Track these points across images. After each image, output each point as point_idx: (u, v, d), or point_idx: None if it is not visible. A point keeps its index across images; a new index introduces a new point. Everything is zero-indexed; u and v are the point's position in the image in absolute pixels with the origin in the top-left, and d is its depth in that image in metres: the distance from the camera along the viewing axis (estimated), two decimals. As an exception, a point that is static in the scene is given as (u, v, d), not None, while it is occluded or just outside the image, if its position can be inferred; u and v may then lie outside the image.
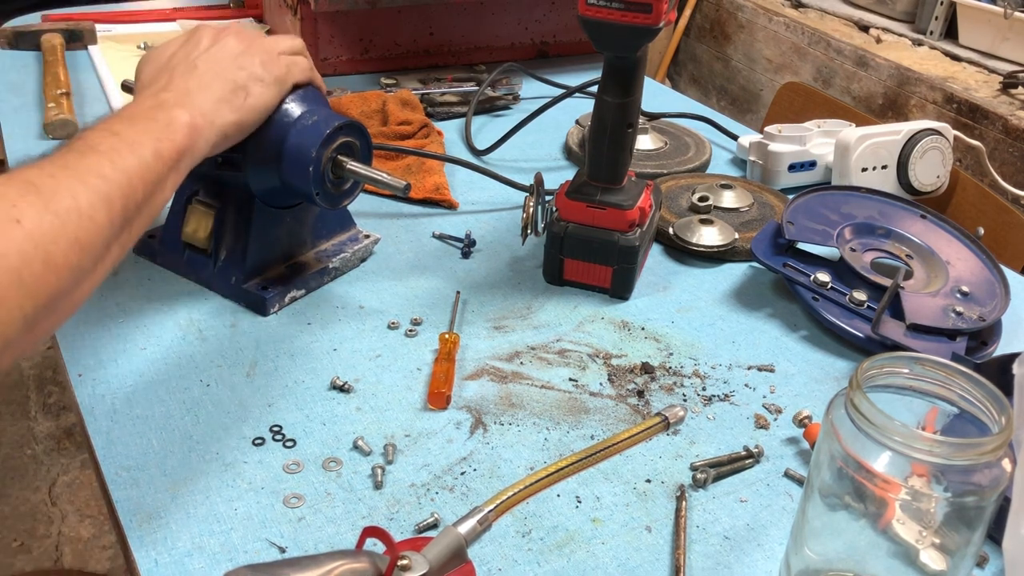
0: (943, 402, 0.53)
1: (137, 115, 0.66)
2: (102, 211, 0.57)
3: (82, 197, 0.56)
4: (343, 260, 0.88)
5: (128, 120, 0.65)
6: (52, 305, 0.54)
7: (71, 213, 0.55)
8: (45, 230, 0.53)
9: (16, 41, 1.35)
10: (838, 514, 0.54)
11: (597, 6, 0.77)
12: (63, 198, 0.55)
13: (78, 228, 0.55)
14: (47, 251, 0.53)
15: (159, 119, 0.66)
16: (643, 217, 0.88)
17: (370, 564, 0.51)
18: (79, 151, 0.59)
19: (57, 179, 0.56)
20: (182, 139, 0.66)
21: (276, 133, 0.76)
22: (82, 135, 0.61)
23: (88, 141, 0.60)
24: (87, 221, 0.56)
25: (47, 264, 0.53)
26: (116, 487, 0.63)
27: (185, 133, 0.66)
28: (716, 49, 2.88)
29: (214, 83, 0.71)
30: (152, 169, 0.62)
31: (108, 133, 0.62)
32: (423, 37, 1.38)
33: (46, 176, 0.56)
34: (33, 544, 1.81)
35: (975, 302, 0.85)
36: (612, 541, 0.62)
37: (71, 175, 0.57)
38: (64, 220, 0.54)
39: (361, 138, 0.80)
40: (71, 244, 0.54)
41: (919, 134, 1.08)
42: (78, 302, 0.57)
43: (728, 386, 0.78)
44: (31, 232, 0.52)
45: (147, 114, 0.66)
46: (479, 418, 0.72)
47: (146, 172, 0.62)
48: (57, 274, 0.53)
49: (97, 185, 0.57)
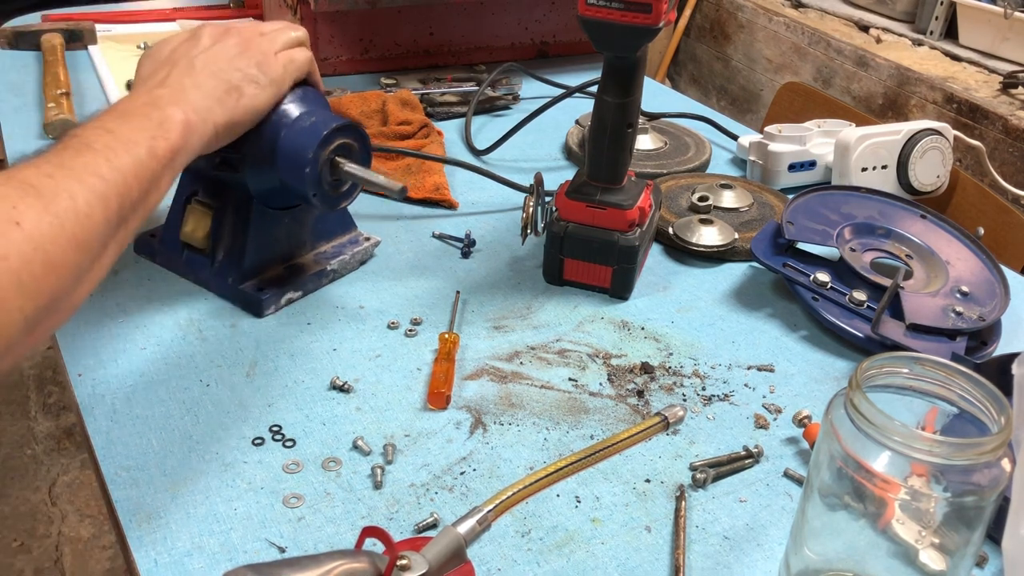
0: (943, 402, 0.53)
1: (131, 112, 0.66)
2: (99, 210, 0.57)
3: (80, 197, 0.56)
4: (342, 263, 0.88)
5: (122, 117, 0.65)
6: (52, 306, 0.54)
7: (69, 213, 0.55)
8: (44, 231, 0.53)
9: (16, 41, 1.35)
10: (838, 514, 0.54)
11: (597, 6, 0.77)
12: (61, 199, 0.55)
13: (76, 228, 0.55)
14: (47, 252, 0.53)
15: (153, 117, 0.65)
16: (643, 217, 0.88)
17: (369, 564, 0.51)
18: (75, 149, 0.59)
19: (55, 179, 0.56)
20: (176, 137, 0.65)
21: (273, 134, 0.76)
22: (77, 132, 0.61)
23: (83, 139, 0.60)
24: (85, 220, 0.56)
25: (47, 265, 0.53)
26: (116, 487, 0.63)
27: (179, 131, 0.66)
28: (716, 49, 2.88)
29: (208, 82, 0.71)
30: (147, 167, 0.62)
31: (103, 131, 0.62)
32: (423, 37, 1.38)
33: (44, 176, 0.56)
34: (33, 544, 1.81)
35: (975, 302, 0.85)
36: (612, 541, 0.62)
37: (68, 175, 0.57)
38: (63, 220, 0.54)
39: (360, 140, 0.80)
40: (70, 244, 0.55)
41: (919, 134, 1.08)
42: (77, 302, 0.58)
43: (728, 386, 0.78)
44: (31, 234, 0.52)
45: (141, 111, 0.66)
46: (479, 418, 0.72)
47: (141, 170, 0.62)
48: (57, 275, 0.53)
49: (94, 184, 0.57)
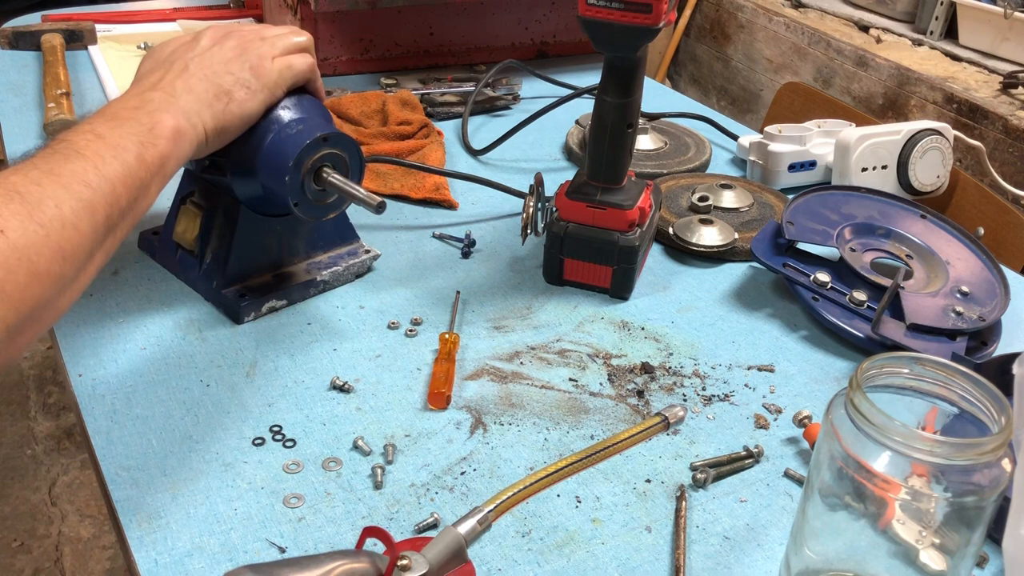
0: (943, 402, 0.53)
1: (122, 116, 0.65)
2: (86, 220, 0.57)
3: (66, 206, 0.55)
4: (333, 274, 0.86)
5: (113, 121, 0.64)
6: (35, 315, 0.53)
7: (55, 222, 0.54)
8: (29, 240, 0.52)
9: (16, 41, 1.35)
10: (838, 514, 0.54)
11: (597, 6, 0.77)
12: (47, 207, 0.54)
13: (62, 238, 0.55)
14: (31, 261, 0.52)
15: (144, 122, 0.65)
16: (643, 217, 0.88)
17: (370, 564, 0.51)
18: (63, 154, 0.59)
19: (42, 186, 0.55)
20: (166, 144, 0.65)
21: (260, 139, 0.75)
22: (66, 136, 0.61)
23: (73, 144, 0.60)
24: (71, 231, 0.55)
25: (31, 274, 0.52)
26: (116, 487, 0.63)
27: (169, 138, 0.65)
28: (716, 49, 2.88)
29: (199, 85, 0.70)
30: (136, 175, 0.62)
31: (93, 135, 0.61)
32: (423, 37, 1.38)
33: (31, 183, 0.55)
34: (33, 544, 1.81)
35: (975, 302, 0.85)
36: (612, 541, 0.62)
37: (55, 182, 0.56)
38: (48, 230, 0.54)
39: (351, 151, 0.78)
40: (55, 254, 0.54)
41: (919, 134, 1.08)
42: (61, 310, 0.57)
43: (728, 386, 0.78)
44: (15, 242, 0.51)
45: (131, 115, 0.65)
46: (479, 418, 0.72)
47: (130, 178, 0.61)
48: (40, 284, 0.53)
49: (81, 193, 0.57)
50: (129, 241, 0.90)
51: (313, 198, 0.77)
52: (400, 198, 1.03)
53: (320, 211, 0.78)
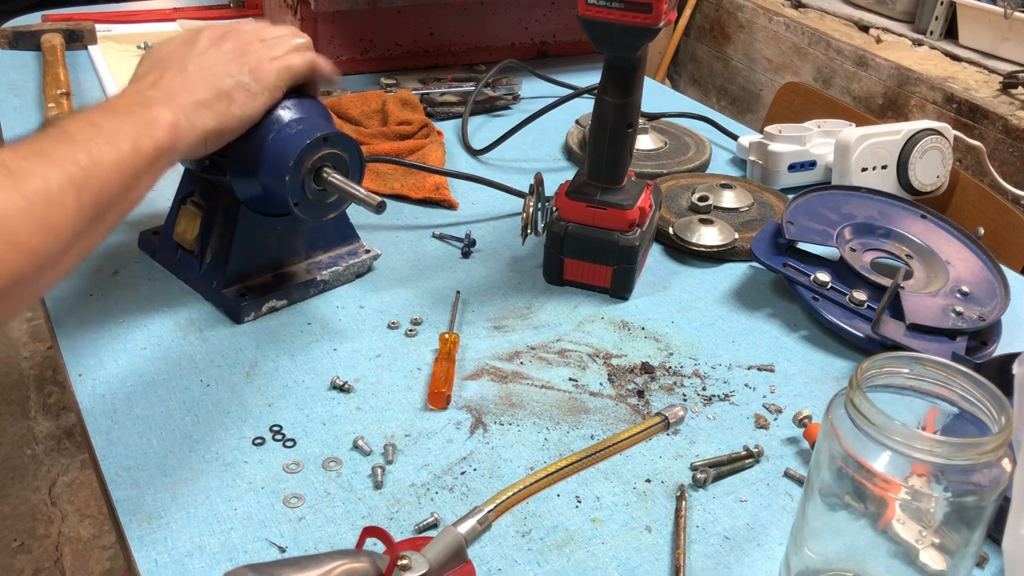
0: (943, 402, 0.53)
1: (120, 109, 0.66)
2: (72, 198, 0.56)
3: (53, 181, 0.55)
4: (334, 274, 0.86)
5: (110, 113, 0.64)
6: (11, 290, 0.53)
7: (39, 195, 0.54)
8: (11, 211, 0.53)
9: (16, 41, 1.35)
10: (838, 514, 0.54)
11: (597, 6, 0.77)
12: (34, 181, 0.54)
13: (46, 212, 0.55)
14: (12, 231, 0.52)
15: (142, 115, 0.65)
16: (643, 217, 0.88)
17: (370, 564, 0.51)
18: (56, 138, 0.59)
19: (30, 162, 0.55)
20: (163, 137, 0.65)
21: (260, 139, 0.75)
22: (62, 123, 0.61)
23: (67, 130, 0.60)
24: (56, 207, 0.55)
25: (10, 245, 0.52)
26: (116, 487, 0.63)
27: (167, 132, 0.65)
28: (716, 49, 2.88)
29: (199, 87, 0.70)
30: (129, 163, 0.62)
31: (88, 124, 0.61)
32: (423, 37, 1.38)
33: (20, 159, 0.55)
34: (33, 544, 1.81)
35: (975, 302, 0.85)
36: (612, 541, 0.62)
37: (44, 160, 0.56)
38: (31, 202, 0.54)
39: (351, 151, 0.78)
40: (37, 228, 0.54)
41: (919, 134, 1.08)
42: (40, 290, 0.57)
43: (728, 386, 0.78)
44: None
45: (129, 109, 0.66)
46: (479, 418, 0.72)
47: (122, 165, 0.61)
48: (19, 255, 0.53)
49: (70, 171, 0.57)
50: (129, 241, 0.90)
51: (313, 198, 0.77)
52: (400, 198, 1.03)
53: (320, 211, 0.79)
